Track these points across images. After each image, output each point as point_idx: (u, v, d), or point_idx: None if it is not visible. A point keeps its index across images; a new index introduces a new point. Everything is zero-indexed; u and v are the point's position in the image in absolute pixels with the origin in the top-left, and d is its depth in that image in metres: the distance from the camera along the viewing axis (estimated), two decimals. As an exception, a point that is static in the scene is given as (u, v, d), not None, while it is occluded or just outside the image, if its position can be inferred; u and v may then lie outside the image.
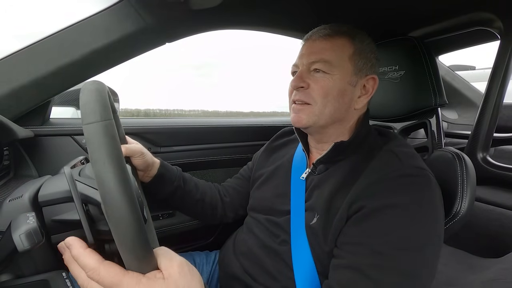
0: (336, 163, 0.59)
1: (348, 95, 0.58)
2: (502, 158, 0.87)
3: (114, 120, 0.32)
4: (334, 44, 0.58)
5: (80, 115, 0.30)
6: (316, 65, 0.57)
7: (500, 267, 0.70)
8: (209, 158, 1.04)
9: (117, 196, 0.27)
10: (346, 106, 0.59)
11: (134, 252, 0.29)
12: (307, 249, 0.55)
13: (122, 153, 0.29)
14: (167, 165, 0.71)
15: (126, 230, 0.27)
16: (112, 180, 0.27)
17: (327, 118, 0.58)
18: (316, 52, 0.58)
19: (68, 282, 0.40)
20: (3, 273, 0.40)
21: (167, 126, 0.97)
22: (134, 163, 0.63)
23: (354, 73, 0.58)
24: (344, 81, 0.57)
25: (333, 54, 0.57)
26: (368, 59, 0.59)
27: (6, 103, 0.62)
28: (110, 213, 0.27)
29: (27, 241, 0.36)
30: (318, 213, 0.55)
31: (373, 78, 0.60)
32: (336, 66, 0.57)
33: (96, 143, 0.28)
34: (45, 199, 0.42)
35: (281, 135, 0.82)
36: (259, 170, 0.76)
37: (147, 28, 0.67)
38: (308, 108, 0.58)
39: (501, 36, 0.78)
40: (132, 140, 0.66)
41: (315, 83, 0.57)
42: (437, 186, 0.51)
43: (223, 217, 0.80)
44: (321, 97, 0.57)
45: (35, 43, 0.63)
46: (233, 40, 61.15)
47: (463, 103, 1.27)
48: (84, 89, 0.31)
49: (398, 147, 0.56)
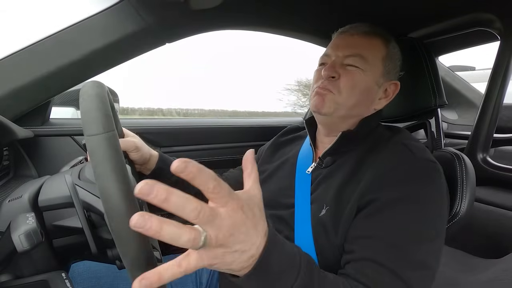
0: (344, 155, 0.59)
1: (372, 94, 0.59)
2: (502, 159, 0.88)
3: (113, 115, 0.32)
4: (371, 42, 0.59)
5: (82, 123, 0.30)
6: (351, 59, 0.58)
7: (500, 268, 0.70)
8: (209, 158, 1.04)
9: (123, 212, 0.27)
10: (368, 103, 0.60)
11: (140, 270, 0.29)
12: (311, 243, 0.55)
13: (125, 165, 0.29)
14: (166, 158, 0.71)
15: (131, 246, 0.28)
16: (117, 195, 0.27)
17: (347, 110, 0.58)
18: (353, 46, 0.59)
19: (67, 283, 0.40)
20: (2, 274, 0.40)
21: (167, 126, 0.97)
22: (131, 157, 0.63)
23: (382, 75, 0.59)
24: (373, 79, 0.58)
25: (369, 52, 0.58)
26: (396, 65, 0.62)
27: (6, 103, 0.62)
28: (115, 228, 0.27)
29: (27, 242, 0.36)
30: (328, 205, 0.54)
31: (395, 84, 0.61)
32: (370, 64, 0.58)
33: (99, 157, 0.28)
34: (46, 204, 0.42)
35: (288, 132, 0.81)
36: (264, 165, 0.76)
37: (147, 28, 0.67)
38: (332, 96, 0.58)
39: (501, 37, 0.78)
40: (130, 132, 0.66)
41: (346, 75, 0.58)
42: (445, 179, 0.52)
43: None
44: (348, 88, 0.57)
45: (35, 43, 0.63)
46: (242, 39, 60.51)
47: (463, 104, 1.27)
48: (84, 93, 0.31)
49: (408, 140, 0.56)
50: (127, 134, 0.65)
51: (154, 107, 7.95)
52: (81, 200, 0.38)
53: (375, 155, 0.54)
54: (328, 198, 0.55)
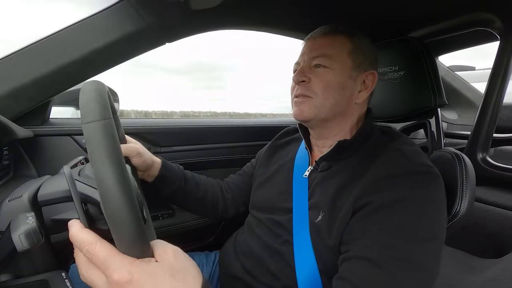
0: (339, 161, 0.60)
1: (348, 89, 0.60)
2: (502, 159, 0.88)
3: (114, 120, 0.32)
4: (333, 40, 0.61)
5: (80, 115, 0.30)
6: (317, 60, 0.60)
7: (500, 268, 0.70)
8: (209, 158, 1.04)
9: (116, 195, 0.27)
10: (347, 99, 0.60)
11: (133, 251, 0.29)
12: (310, 248, 0.55)
13: (122, 152, 0.29)
14: (168, 165, 0.71)
15: (125, 229, 0.28)
16: (111, 179, 0.27)
17: (328, 111, 0.59)
18: (316, 48, 0.61)
19: (67, 282, 0.40)
20: (2, 273, 0.40)
21: (167, 126, 0.97)
22: (133, 163, 0.63)
23: (353, 68, 0.60)
24: (344, 74, 0.59)
25: (333, 49, 0.59)
26: (367, 56, 0.62)
27: (6, 103, 0.62)
28: (109, 212, 0.27)
29: (27, 241, 0.36)
30: (323, 211, 0.55)
31: (372, 74, 0.62)
32: (336, 60, 0.59)
33: (95, 143, 0.28)
34: (45, 198, 0.42)
35: (284, 134, 0.82)
36: (262, 168, 0.77)
37: (147, 28, 0.67)
38: (309, 101, 0.60)
39: (501, 37, 0.78)
40: (132, 139, 0.66)
41: (316, 76, 0.59)
42: (442, 182, 0.52)
43: (224, 213, 0.80)
44: (322, 89, 0.59)
45: (35, 43, 0.63)
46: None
47: (462, 104, 1.27)
48: (83, 89, 0.31)
49: (404, 145, 0.57)
50: (129, 141, 0.65)
51: (168, 110, 7.98)
52: (79, 192, 0.38)
53: (371, 162, 0.55)
54: (324, 204, 0.56)
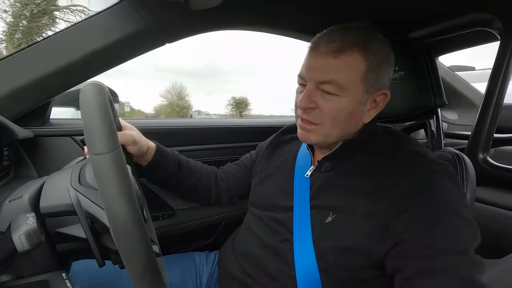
0: (343, 161, 0.60)
1: (357, 114, 0.57)
2: (502, 159, 0.87)
3: (112, 114, 0.31)
4: (346, 62, 0.53)
5: (85, 137, 0.29)
6: (326, 87, 0.54)
7: (500, 268, 0.70)
8: (209, 158, 1.03)
9: (130, 234, 0.27)
10: (354, 123, 0.58)
11: (144, 282, 0.30)
12: (311, 247, 0.55)
13: (132, 186, 0.29)
14: (163, 150, 0.71)
15: (140, 267, 0.28)
16: (124, 218, 0.27)
17: (334, 138, 0.58)
18: (325, 69, 0.54)
19: (68, 283, 0.40)
20: (3, 274, 0.40)
21: (167, 126, 0.97)
22: (128, 151, 0.63)
23: (365, 91, 0.55)
24: (354, 102, 0.55)
25: (344, 75, 0.53)
26: (381, 73, 0.56)
27: (6, 103, 0.62)
28: (123, 248, 0.28)
29: (27, 242, 0.36)
30: (335, 212, 0.55)
31: (384, 94, 0.58)
32: (347, 88, 0.53)
33: (105, 178, 0.28)
34: (48, 211, 0.42)
35: (288, 130, 0.81)
36: (262, 165, 0.76)
37: (147, 29, 0.67)
38: (316, 129, 0.57)
39: (501, 37, 0.78)
40: (128, 124, 0.65)
41: (324, 104, 0.55)
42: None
43: (216, 202, 0.82)
44: (329, 119, 0.55)
45: (35, 43, 0.63)
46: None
47: (463, 104, 1.26)
48: (85, 103, 0.30)
49: (416, 146, 0.57)
50: (125, 127, 0.64)
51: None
52: (84, 210, 0.38)
53: (383, 164, 0.55)
54: (335, 206, 0.55)
